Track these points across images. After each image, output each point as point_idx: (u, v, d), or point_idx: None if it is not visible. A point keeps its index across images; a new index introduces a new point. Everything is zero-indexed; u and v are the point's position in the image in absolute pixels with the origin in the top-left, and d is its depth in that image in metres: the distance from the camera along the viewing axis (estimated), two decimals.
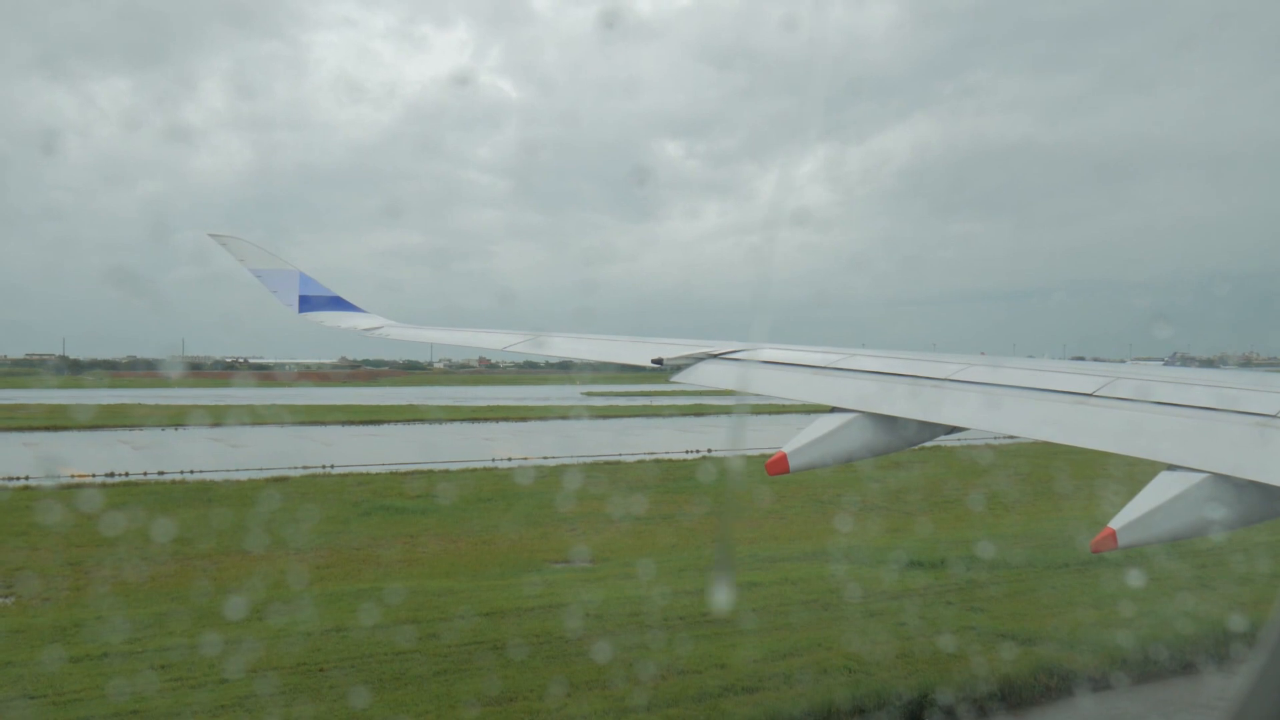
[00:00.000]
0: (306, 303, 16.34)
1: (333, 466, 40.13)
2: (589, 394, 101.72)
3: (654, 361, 10.23)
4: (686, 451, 46.98)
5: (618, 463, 42.70)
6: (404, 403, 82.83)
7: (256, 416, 65.75)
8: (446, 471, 39.37)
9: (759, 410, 72.88)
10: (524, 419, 70.89)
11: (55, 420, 62.45)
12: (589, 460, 43.04)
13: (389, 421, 67.71)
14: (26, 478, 35.32)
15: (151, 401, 76.69)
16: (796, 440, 7.27)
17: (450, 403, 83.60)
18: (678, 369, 10.03)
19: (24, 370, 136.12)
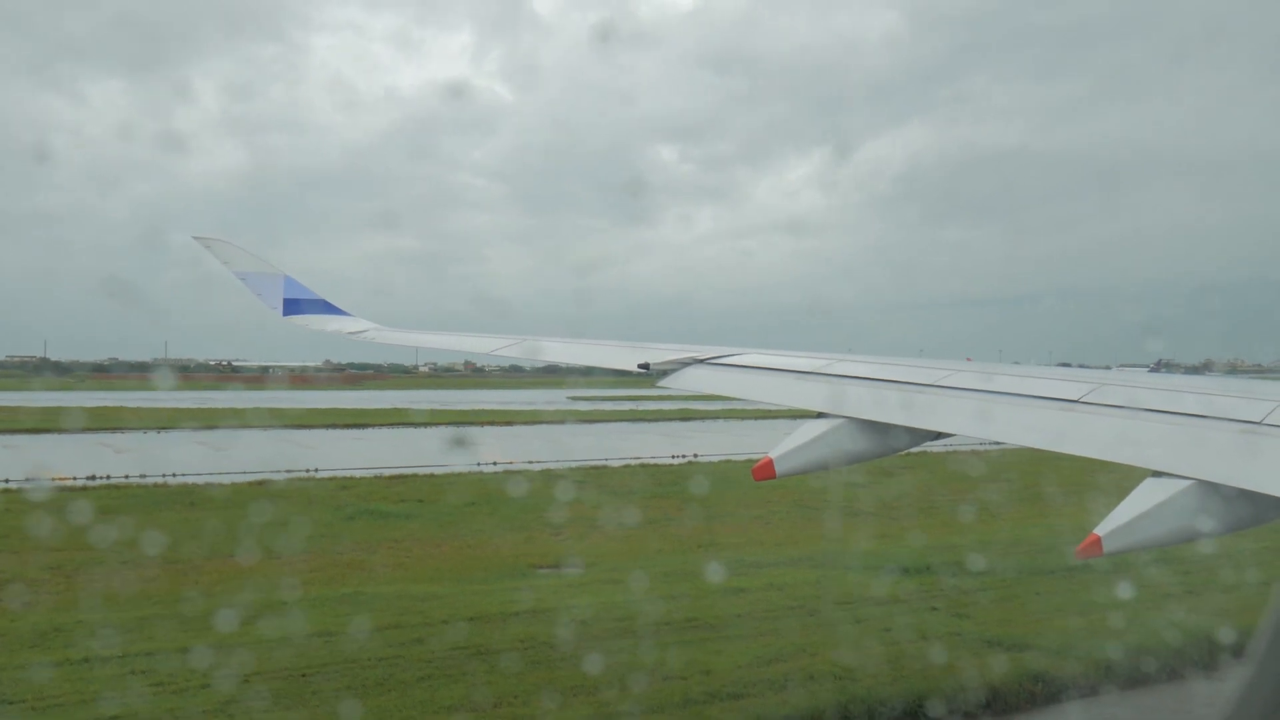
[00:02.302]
0: (292, 306, 16.21)
1: (317, 470, 39.93)
2: (576, 399, 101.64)
3: (641, 366, 10.18)
4: (673, 456, 46.95)
5: (604, 467, 42.62)
6: (389, 406, 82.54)
7: (240, 419, 65.40)
8: (432, 476, 39.23)
9: (746, 415, 73.02)
10: (510, 423, 70.72)
11: (37, 423, 61.91)
12: (575, 465, 42.94)
13: (374, 425, 67.48)
14: (7, 481, 35.01)
15: (134, 404, 76.18)
16: (783, 445, 7.23)
17: (436, 407, 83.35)
18: (665, 374, 9.98)
19: (4, 373, 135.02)
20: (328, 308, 16.70)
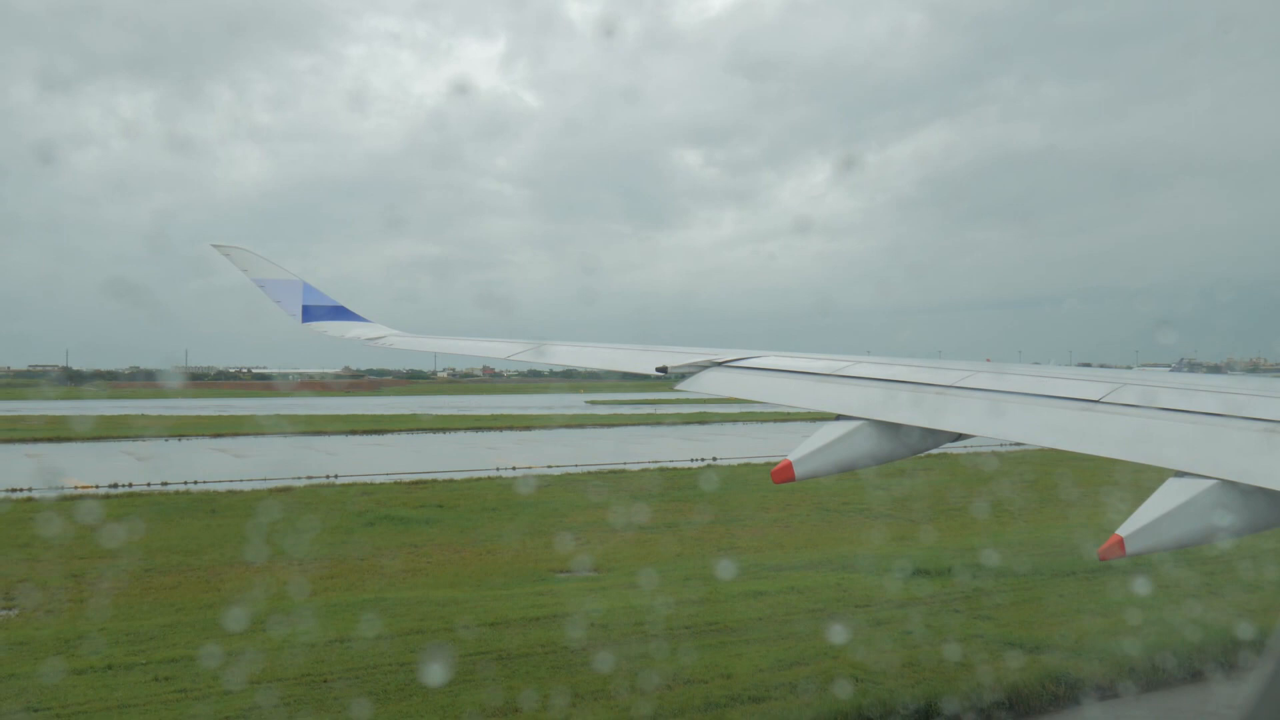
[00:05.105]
0: (310, 312, 16.31)
1: (336, 476, 40.11)
2: (593, 402, 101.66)
3: (658, 370, 10.19)
4: (691, 460, 46.91)
5: (622, 471, 42.64)
6: (407, 412, 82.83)
7: (259, 427, 65.75)
8: (450, 481, 39.34)
9: (765, 418, 72.93)
10: (528, 428, 70.84)
11: (57, 431, 62.49)
12: (593, 469, 42.99)
13: (392, 431, 67.73)
14: (29, 489, 35.32)
15: (154, 412, 76.79)
16: (801, 448, 7.22)
17: (454, 412, 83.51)
18: (682, 377, 9.98)
19: (26, 382, 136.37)
20: (345, 314, 16.80)
